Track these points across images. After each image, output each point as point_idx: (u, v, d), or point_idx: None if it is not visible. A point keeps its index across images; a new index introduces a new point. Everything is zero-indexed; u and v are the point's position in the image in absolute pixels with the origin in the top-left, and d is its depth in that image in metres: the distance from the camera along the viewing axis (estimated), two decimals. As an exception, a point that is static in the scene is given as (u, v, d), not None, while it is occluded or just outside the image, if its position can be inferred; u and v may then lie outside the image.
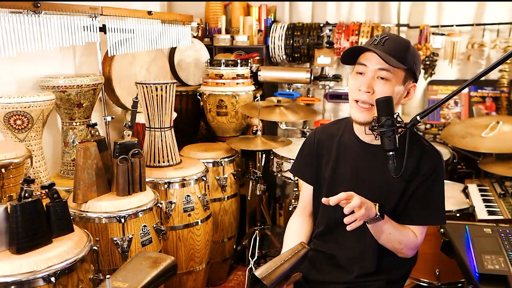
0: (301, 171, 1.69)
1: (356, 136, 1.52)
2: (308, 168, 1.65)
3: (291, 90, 3.41)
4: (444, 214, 1.48)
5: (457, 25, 3.04)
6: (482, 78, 1.27)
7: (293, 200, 2.52)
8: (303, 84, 3.34)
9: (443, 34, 3.05)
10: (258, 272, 1.32)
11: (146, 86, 2.29)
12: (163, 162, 2.41)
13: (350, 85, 1.47)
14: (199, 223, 2.42)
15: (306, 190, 1.69)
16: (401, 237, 1.44)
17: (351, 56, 1.44)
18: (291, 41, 3.26)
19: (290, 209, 2.52)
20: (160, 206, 2.17)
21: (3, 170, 1.61)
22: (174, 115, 2.59)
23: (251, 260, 2.72)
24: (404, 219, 1.47)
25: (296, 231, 1.65)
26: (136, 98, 2.33)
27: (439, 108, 2.95)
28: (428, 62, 3.13)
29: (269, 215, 3.44)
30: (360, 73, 1.42)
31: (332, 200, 1.31)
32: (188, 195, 2.36)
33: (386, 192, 1.45)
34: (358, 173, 1.50)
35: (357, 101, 1.42)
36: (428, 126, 3.11)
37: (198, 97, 3.11)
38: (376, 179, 1.47)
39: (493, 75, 2.99)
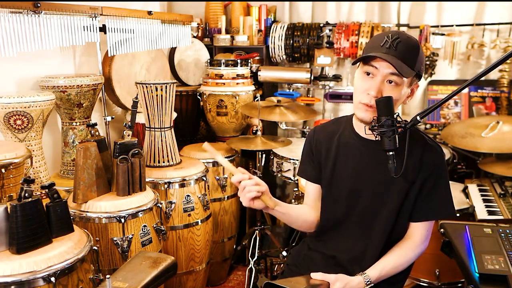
0: (305, 171, 1.68)
1: (357, 133, 1.52)
2: (310, 167, 1.64)
3: (291, 90, 3.41)
4: (452, 207, 1.48)
5: (457, 25, 3.04)
6: (482, 78, 1.27)
7: (293, 200, 2.52)
8: (303, 84, 3.34)
9: (443, 34, 3.05)
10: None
11: (146, 86, 2.29)
12: (163, 162, 2.41)
13: (357, 85, 1.42)
14: (199, 223, 2.42)
15: (309, 189, 1.67)
16: (402, 259, 1.47)
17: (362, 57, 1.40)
18: (291, 41, 3.26)
19: (290, 209, 2.52)
20: (160, 206, 2.17)
21: (3, 170, 1.61)
22: (174, 115, 2.59)
23: (251, 260, 2.71)
24: (413, 216, 1.47)
25: (301, 211, 1.62)
26: (136, 98, 2.33)
27: (439, 108, 2.94)
28: (428, 62, 3.13)
29: (269, 215, 3.43)
30: (368, 74, 1.38)
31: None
32: (188, 195, 2.36)
33: (387, 188, 1.45)
34: (359, 170, 1.50)
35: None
36: (428, 126, 3.11)
37: (198, 97, 3.10)
38: (377, 176, 1.46)
39: (493, 75, 2.99)
